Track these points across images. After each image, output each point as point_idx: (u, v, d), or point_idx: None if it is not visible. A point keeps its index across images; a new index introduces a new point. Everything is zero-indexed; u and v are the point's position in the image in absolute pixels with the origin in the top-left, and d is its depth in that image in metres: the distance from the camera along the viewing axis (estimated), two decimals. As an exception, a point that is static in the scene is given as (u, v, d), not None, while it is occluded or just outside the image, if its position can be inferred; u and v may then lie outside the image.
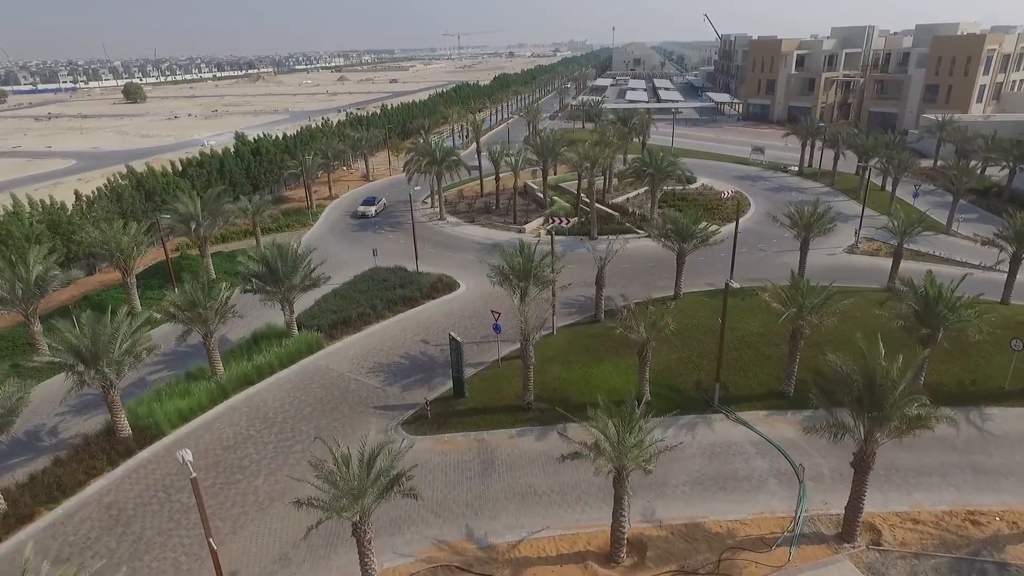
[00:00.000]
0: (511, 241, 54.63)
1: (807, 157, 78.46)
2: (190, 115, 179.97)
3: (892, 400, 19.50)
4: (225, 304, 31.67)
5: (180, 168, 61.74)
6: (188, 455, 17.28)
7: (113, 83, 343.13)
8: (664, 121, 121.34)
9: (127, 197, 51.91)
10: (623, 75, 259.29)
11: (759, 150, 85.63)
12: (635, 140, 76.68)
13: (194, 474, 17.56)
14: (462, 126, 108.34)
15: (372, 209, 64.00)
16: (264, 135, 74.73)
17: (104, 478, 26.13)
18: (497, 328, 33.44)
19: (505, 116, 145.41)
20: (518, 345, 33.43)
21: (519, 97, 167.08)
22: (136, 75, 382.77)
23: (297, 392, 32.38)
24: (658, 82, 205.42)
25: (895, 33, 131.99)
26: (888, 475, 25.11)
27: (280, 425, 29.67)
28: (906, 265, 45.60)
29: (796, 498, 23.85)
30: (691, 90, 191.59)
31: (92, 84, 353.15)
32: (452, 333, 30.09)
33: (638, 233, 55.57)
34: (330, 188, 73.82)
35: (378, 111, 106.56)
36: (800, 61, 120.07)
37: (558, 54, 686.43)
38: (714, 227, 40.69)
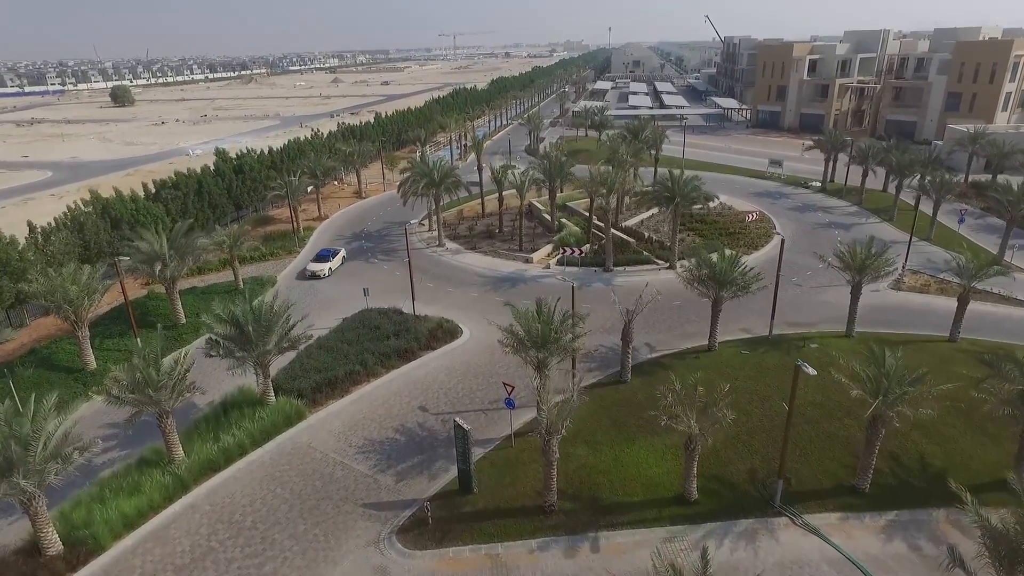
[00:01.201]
0: (518, 274, 49.54)
1: (829, 171, 73.38)
2: (178, 120, 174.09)
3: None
4: (183, 379, 26.27)
5: (153, 190, 56.11)
6: None
7: (103, 85, 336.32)
8: (671, 128, 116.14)
9: (90, 227, 46.39)
10: (623, 78, 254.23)
11: (777, 164, 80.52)
12: (648, 154, 71.51)
13: None
14: (460, 135, 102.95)
15: (325, 268, 50.65)
16: (248, 151, 69.17)
17: (21, 618, 20.78)
18: (510, 404, 28.12)
19: (504, 122, 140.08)
20: (533, 413, 28.34)
21: (518, 101, 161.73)
22: (126, 77, 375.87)
23: (272, 482, 26.99)
24: (660, 85, 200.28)
25: (904, 35, 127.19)
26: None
27: (248, 533, 24.28)
28: (954, 302, 40.58)
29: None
30: (694, 94, 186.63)
31: (81, 86, 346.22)
32: (457, 420, 24.77)
33: (658, 264, 50.35)
34: (319, 207, 68.35)
35: (371, 119, 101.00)
36: (812, 66, 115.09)
37: (555, 55, 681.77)
38: (755, 270, 35.34)
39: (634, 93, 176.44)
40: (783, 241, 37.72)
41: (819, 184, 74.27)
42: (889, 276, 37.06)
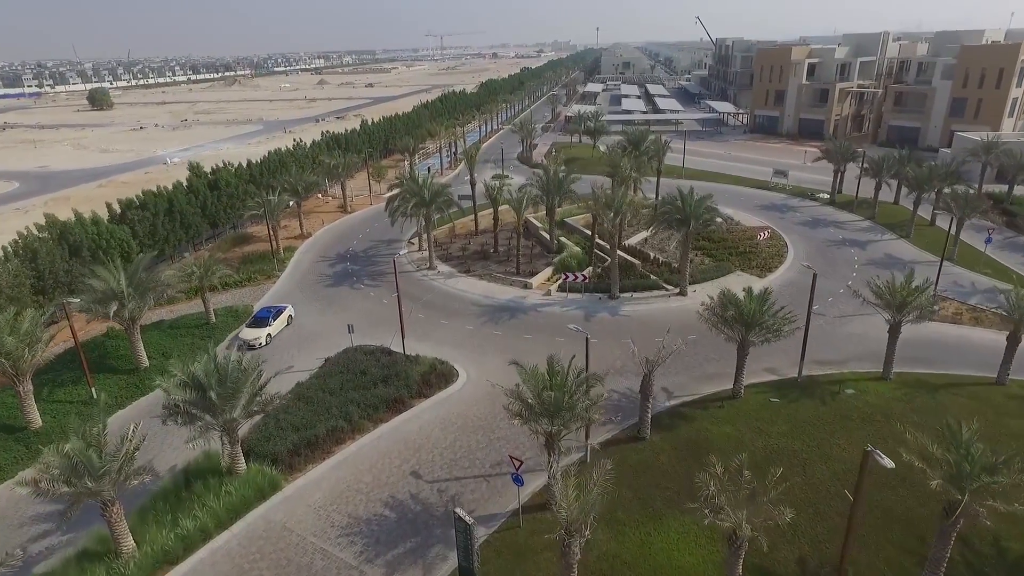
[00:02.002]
0: (516, 302, 45.63)
1: (837, 182, 70.07)
2: (157, 125, 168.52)
3: None
4: (131, 459, 22.11)
5: (118, 211, 51.60)
6: None
7: (81, 87, 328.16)
8: (667, 133, 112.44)
9: (44, 256, 41.91)
10: (614, 80, 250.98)
11: (782, 174, 77.24)
12: (650, 165, 67.86)
13: None
14: (450, 143, 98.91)
15: (263, 336, 40.03)
16: (224, 164, 64.69)
17: None
18: (518, 480, 24.18)
19: (495, 126, 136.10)
20: (541, 477, 24.60)
21: (508, 105, 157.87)
22: (106, 79, 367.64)
23: (238, 577, 22.93)
24: (652, 88, 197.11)
25: (899, 39, 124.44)
26: None
27: (207, 651, 20.25)
28: (992, 334, 37.32)
29: None
30: (686, 97, 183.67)
31: (58, 88, 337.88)
32: (458, 512, 20.84)
33: (667, 289, 46.65)
34: (301, 224, 63.99)
35: (357, 126, 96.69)
36: (811, 70, 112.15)
37: (542, 55, 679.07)
38: (785, 308, 31.65)
39: (626, 96, 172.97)
40: (815, 276, 33.95)
41: (827, 196, 71.02)
42: (932, 314, 33.18)
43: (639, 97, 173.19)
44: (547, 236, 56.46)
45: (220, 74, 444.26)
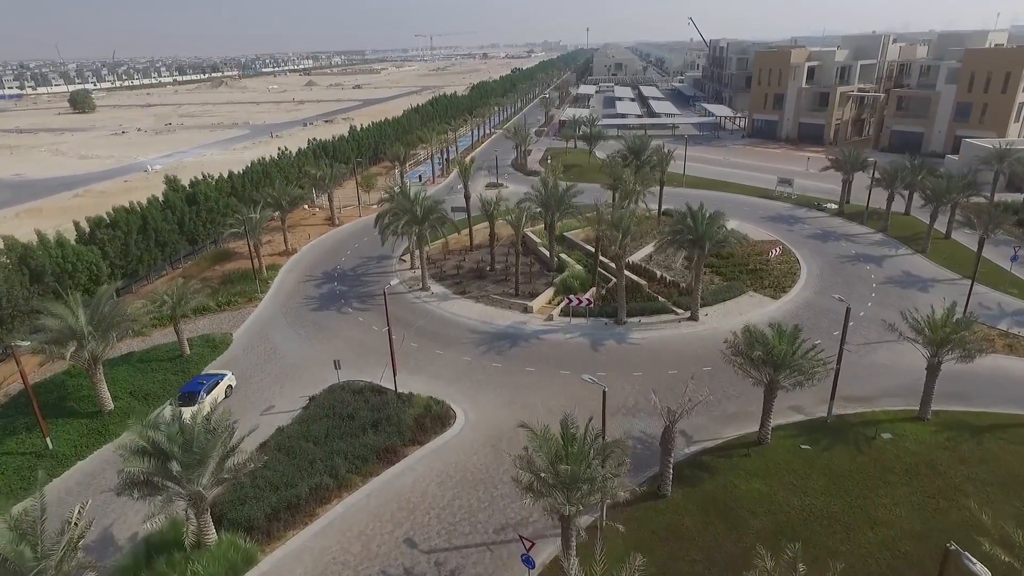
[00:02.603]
0: (516, 328, 42.49)
1: (844, 191, 67.40)
2: (140, 130, 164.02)
3: None
4: (73, 548, 18.78)
5: (87, 230, 48.02)
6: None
7: (64, 89, 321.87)
8: (665, 138, 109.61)
9: (1, 284, 38.27)
10: (606, 81, 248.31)
11: (787, 183, 74.54)
12: (653, 175, 64.98)
13: None
14: (441, 150, 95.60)
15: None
16: (204, 177, 61.14)
17: None
18: (529, 563, 21.06)
19: (487, 131, 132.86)
20: (553, 544, 21.61)
21: (500, 108, 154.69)
22: (90, 80, 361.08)
23: None
24: (645, 89, 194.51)
25: (895, 40, 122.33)
26: None
27: None
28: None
29: None
30: (681, 99, 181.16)
31: (41, 90, 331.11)
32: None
33: (677, 314, 43.67)
34: (286, 239, 60.50)
35: (346, 133, 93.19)
36: (810, 73, 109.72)
37: (532, 55, 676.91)
38: (818, 347, 28.71)
39: (620, 99, 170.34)
40: (848, 310, 31.05)
41: (835, 206, 68.37)
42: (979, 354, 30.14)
43: (633, 100, 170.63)
44: (547, 252, 53.39)
45: (207, 75, 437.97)
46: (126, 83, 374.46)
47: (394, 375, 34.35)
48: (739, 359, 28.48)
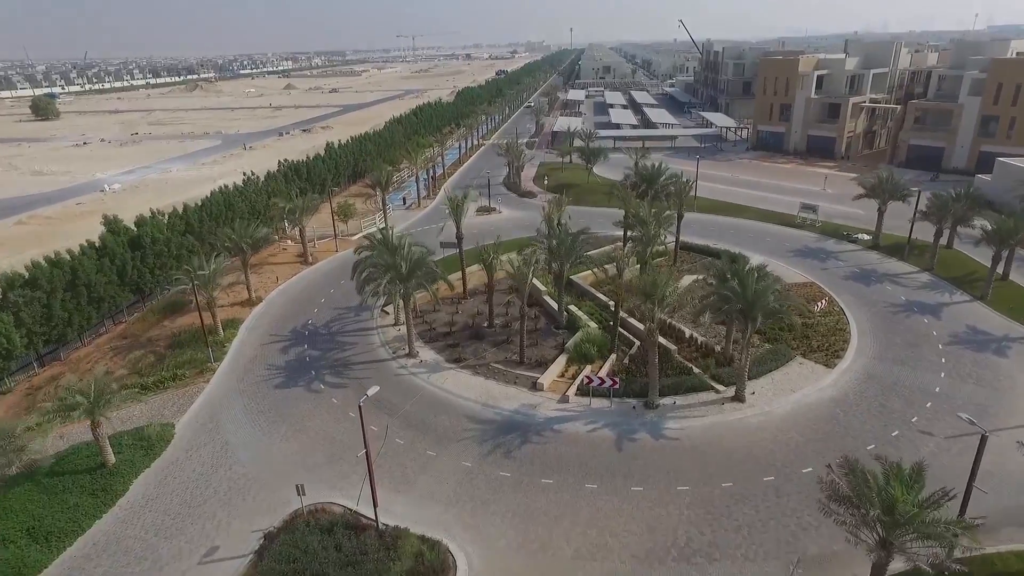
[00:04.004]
0: (526, 414, 34.89)
1: (879, 222, 60.38)
2: (103, 140, 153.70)
3: None
4: None
5: (-2, 292, 39.53)
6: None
7: (29, 92, 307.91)
8: (662, 149, 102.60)
9: None
10: (595, 85, 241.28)
11: (810, 209, 67.50)
12: (669, 205, 57.64)
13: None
14: (428, 170, 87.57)
15: None
16: (153, 214, 52.66)
17: None
18: None
19: (475, 141, 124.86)
20: None
21: (487, 118, 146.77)
22: (58, 83, 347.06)
23: None
24: (637, 95, 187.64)
25: (900, 41, 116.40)
26: None
27: None
28: None
29: None
30: (674, 105, 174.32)
31: (4, 94, 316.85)
32: None
33: (718, 391, 36.22)
34: (249, 287, 52.13)
35: (323, 151, 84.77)
36: (819, 82, 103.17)
37: (516, 56, 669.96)
38: (950, 495, 21.29)
39: (612, 105, 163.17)
40: (984, 439, 23.62)
41: (869, 238, 61.40)
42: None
43: (625, 107, 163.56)
44: (553, 304, 45.72)
45: (182, 77, 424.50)
46: (96, 86, 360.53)
47: (375, 507, 26.41)
48: (844, 513, 20.92)
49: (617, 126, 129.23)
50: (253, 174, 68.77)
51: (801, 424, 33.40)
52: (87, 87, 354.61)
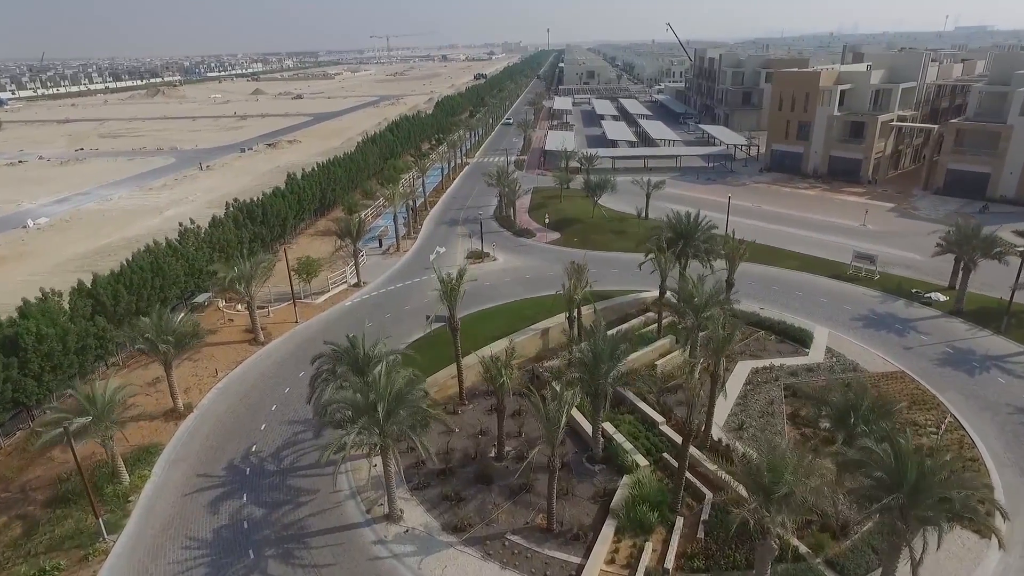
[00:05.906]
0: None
1: (964, 282, 49.77)
2: (42, 158, 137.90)
3: None
4: None
5: None
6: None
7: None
8: (664, 170, 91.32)
9: None
10: (581, 93, 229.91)
11: (867, 259, 56.67)
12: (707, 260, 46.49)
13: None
14: (407, 204, 75.18)
15: None
16: (45, 295, 39.70)
17: None
18: None
19: (458, 159, 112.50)
20: None
21: (471, 133, 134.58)
22: (8, 88, 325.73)
23: None
24: (628, 104, 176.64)
25: (928, 52, 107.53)
26: None
27: None
28: None
29: None
30: (669, 115, 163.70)
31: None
32: None
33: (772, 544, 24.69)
34: (173, 393, 39.20)
35: (283, 186, 71.89)
36: (840, 98, 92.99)
37: (494, 57, 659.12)
38: None
39: (603, 117, 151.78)
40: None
41: (943, 297, 50.78)
42: None
43: (617, 118, 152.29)
44: (587, 428, 33.98)
45: (144, 81, 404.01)
46: (51, 91, 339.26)
47: None
48: None
49: (614, 143, 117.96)
50: (193, 223, 55.80)
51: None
52: (39, 91, 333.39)
